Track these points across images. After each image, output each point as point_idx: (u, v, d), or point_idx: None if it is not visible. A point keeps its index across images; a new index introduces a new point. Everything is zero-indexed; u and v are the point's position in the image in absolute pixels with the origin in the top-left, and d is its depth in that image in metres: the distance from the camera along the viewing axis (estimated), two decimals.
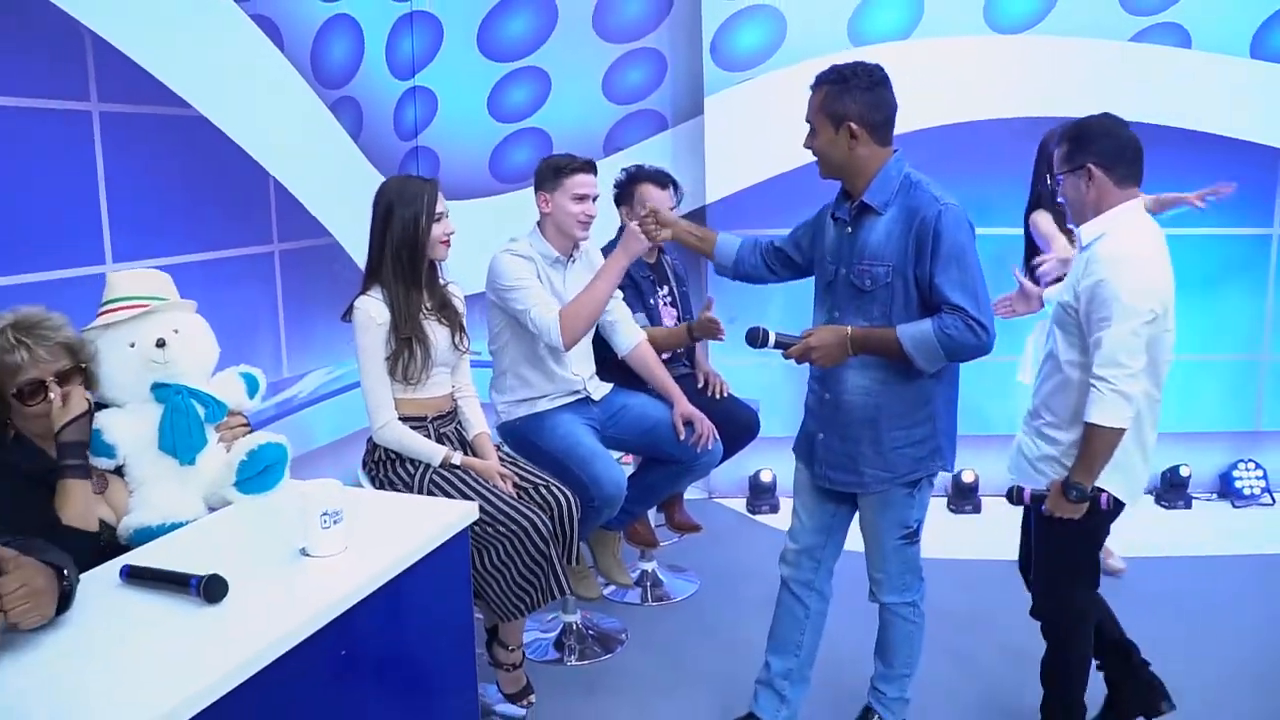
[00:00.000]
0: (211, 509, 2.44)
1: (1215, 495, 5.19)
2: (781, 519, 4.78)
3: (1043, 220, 4.02)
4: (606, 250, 3.57)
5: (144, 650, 1.80)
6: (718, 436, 3.54)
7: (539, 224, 3.57)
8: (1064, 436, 2.72)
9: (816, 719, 3.17)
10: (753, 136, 5.03)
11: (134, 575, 2.01)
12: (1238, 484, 5.12)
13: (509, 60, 5.47)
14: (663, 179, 3.93)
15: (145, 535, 2.28)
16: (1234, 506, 5.06)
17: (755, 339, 2.86)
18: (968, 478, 5.08)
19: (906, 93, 4.83)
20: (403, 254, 3.04)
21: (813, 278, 2.95)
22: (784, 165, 4.89)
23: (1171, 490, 5.07)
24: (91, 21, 3.54)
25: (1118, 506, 2.73)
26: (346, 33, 4.95)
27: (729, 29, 5.00)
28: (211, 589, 1.91)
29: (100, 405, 2.40)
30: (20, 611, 1.69)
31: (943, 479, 4.72)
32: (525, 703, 3.19)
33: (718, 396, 3.87)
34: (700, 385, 3.91)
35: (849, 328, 2.67)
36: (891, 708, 3.01)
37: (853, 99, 2.63)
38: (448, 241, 3.14)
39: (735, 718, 3.09)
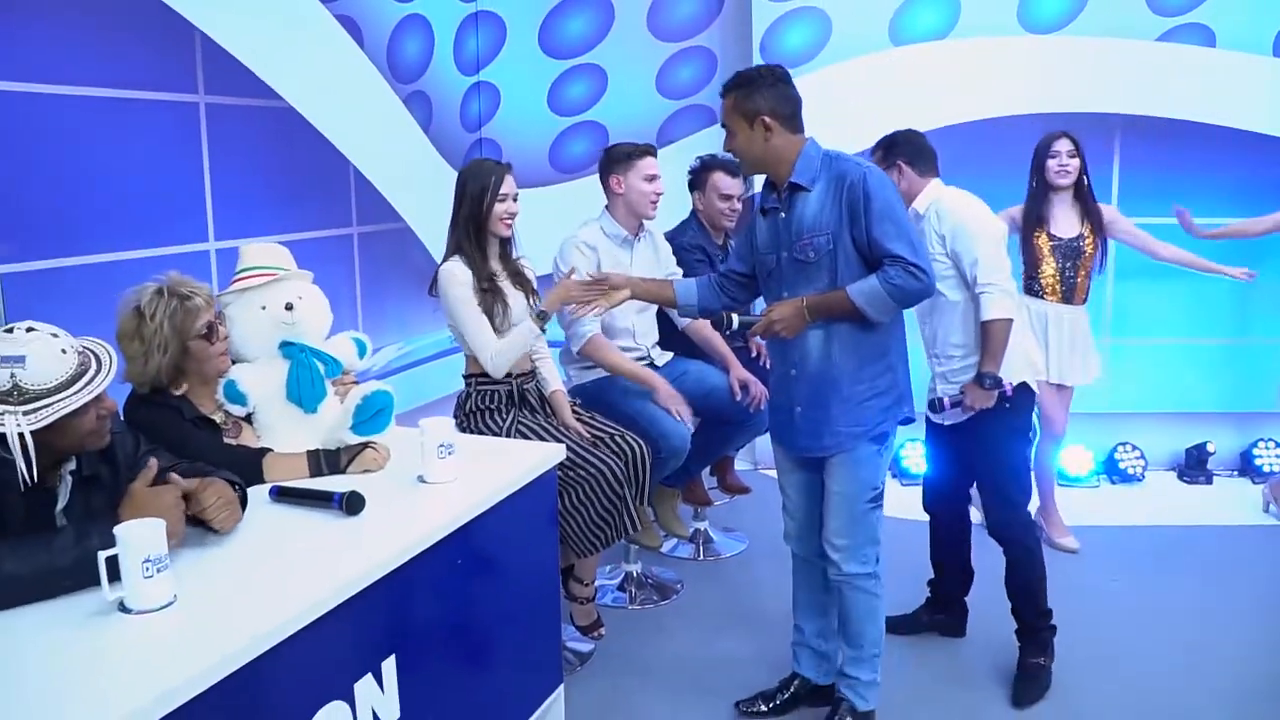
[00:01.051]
0: None
1: (1236, 472, 5.47)
2: None
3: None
4: (671, 236, 3.94)
5: (298, 553, 2.16)
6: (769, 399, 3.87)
7: (608, 207, 3.91)
8: (971, 359, 3.32)
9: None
10: None
11: (282, 495, 2.36)
12: (1257, 461, 5.39)
13: (568, 57, 5.81)
14: (733, 168, 4.23)
15: None
16: (1253, 482, 5.31)
17: (720, 324, 3.21)
18: None
19: (944, 89, 5.19)
20: (470, 227, 3.41)
21: None
22: None
23: (1195, 466, 5.35)
24: (200, 22, 3.89)
25: (1024, 392, 3.35)
26: (418, 31, 5.31)
27: (777, 29, 5.31)
28: (352, 503, 2.27)
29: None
30: (221, 519, 2.07)
31: None
32: (596, 634, 3.55)
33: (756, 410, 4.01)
34: (754, 355, 4.26)
35: (803, 297, 2.83)
36: (864, 694, 3.07)
37: (762, 96, 2.80)
38: (508, 222, 3.47)
39: (781, 678, 3.29)
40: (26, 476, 1.89)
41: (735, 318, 3.13)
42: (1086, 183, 4.31)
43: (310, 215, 4.56)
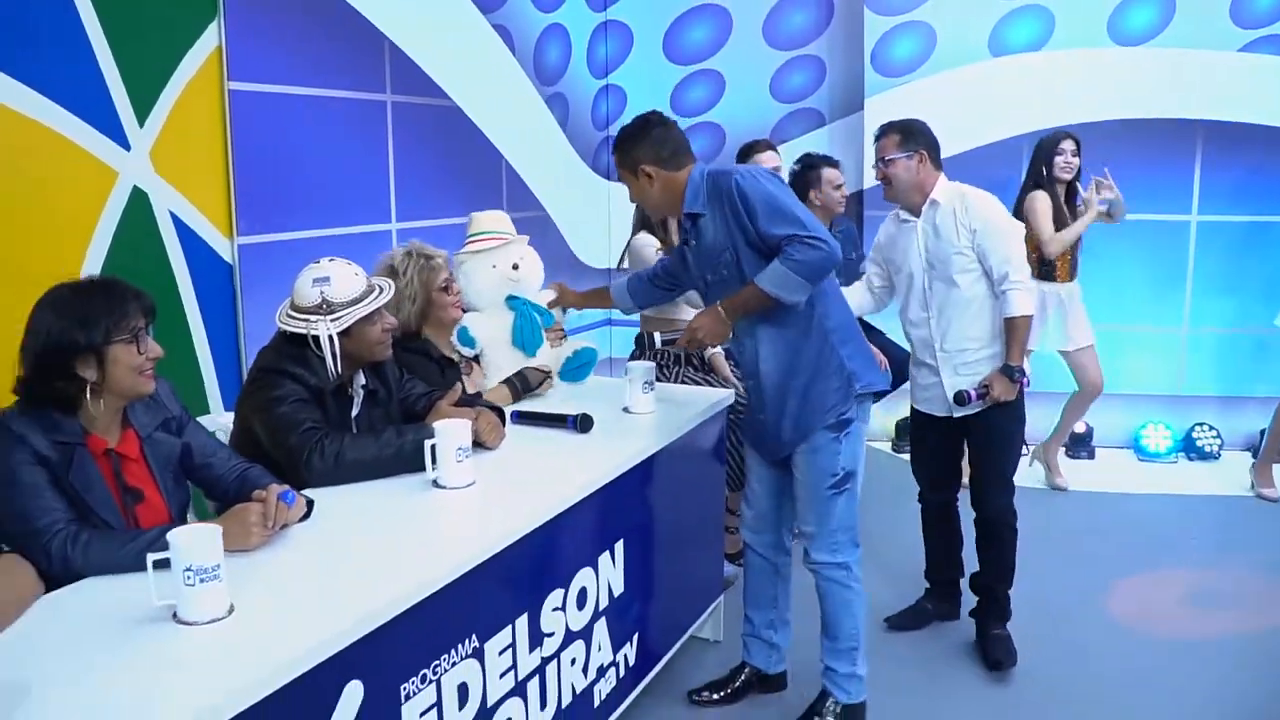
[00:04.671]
0: None
1: None
2: None
3: (1040, 201, 4.79)
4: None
5: (540, 464, 2.71)
6: (889, 367, 4.35)
7: None
8: (987, 351, 3.36)
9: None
10: None
11: (522, 418, 2.93)
12: None
13: (689, 63, 6.37)
14: (833, 161, 4.76)
15: None
16: None
17: (643, 344, 3.51)
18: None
19: (1039, 96, 5.63)
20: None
21: None
22: None
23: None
24: (389, 31, 4.49)
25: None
26: (559, 39, 5.89)
27: (887, 40, 5.81)
28: (584, 423, 2.84)
29: None
30: (494, 438, 2.69)
31: None
32: (739, 563, 4.06)
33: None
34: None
35: (719, 301, 2.85)
36: (845, 685, 3.01)
37: (639, 149, 2.86)
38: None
39: (731, 667, 3.30)
40: (335, 371, 2.51)
41: (658, 336, 3.50)
42: (1079, 178, 4.88)
43: (468, 201, 5.09)
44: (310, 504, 2.18)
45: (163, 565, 1.73)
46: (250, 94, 3.78)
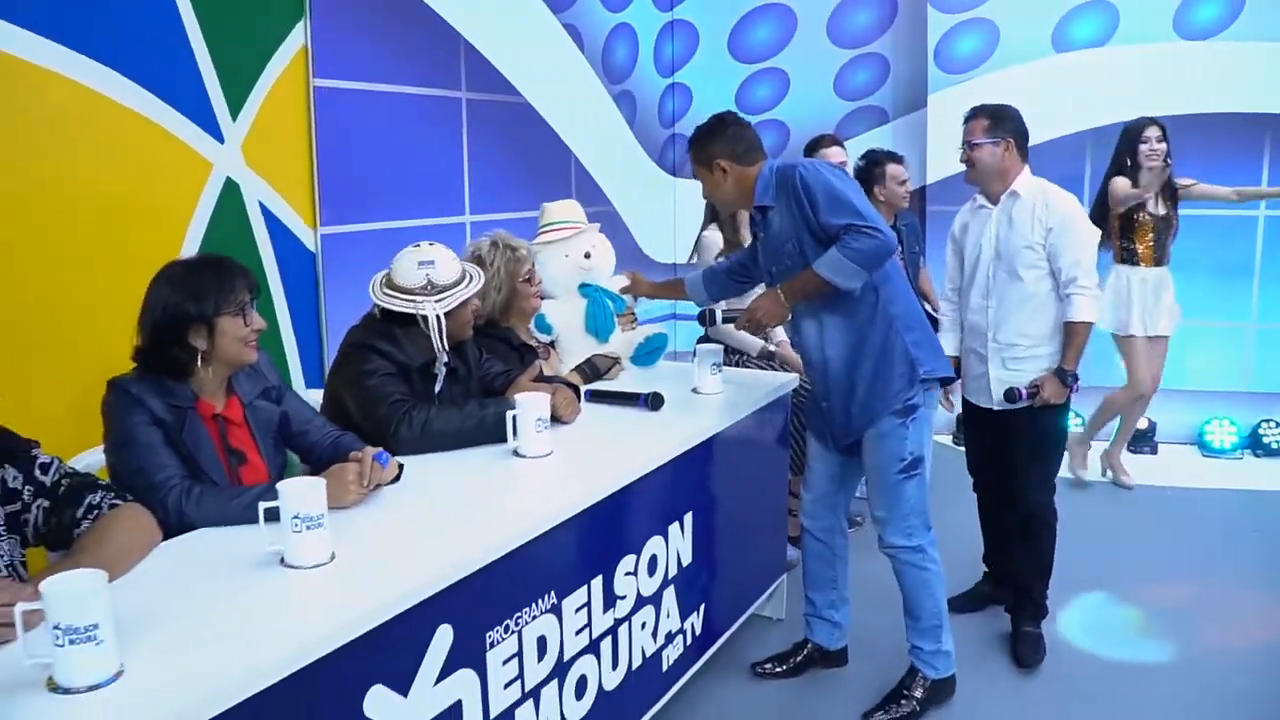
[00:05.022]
0: None
1: None
2: None
3: (1121, 185, 4.83)
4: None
5: (614, 437, 2.84)
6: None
7: None
8: (1039, 350, 3.34)
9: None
10: None
11: (596, 396, 3.07)
12: None
13: (754, 61, 6.48)
14: (897, 157, 4.84)
15: None
16: None
17: (704, 319, 3.55)
18: None
19: (1103, 92, 5.65)
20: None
21: None
22: None
23: None
24: (465, 30, 4.66)
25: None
26: (626, 38, 6.02)
27: (950, 38, 5.87)
28: (655, 401, 2.96)
29: None
30: (569, 413, 2.85)
31: None
32: (800, 545, 4.15)
33: None
34: None
35: (778, 286, 2.93)
36: (932, 662, 3.11)
37: (714, 144, 2.98)
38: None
39: (794, 642, 3.39)
40: (441, 347, 2.70)
41: (719, 313, 3.49)
42: (1169, 164, 4.84)
43: (539, 195, 5.25)
44: (400, 467, 2.33)
45: (271, 516, 1.88)
46: (333, 90, 3.96)
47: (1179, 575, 4.17)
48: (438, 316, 2.66)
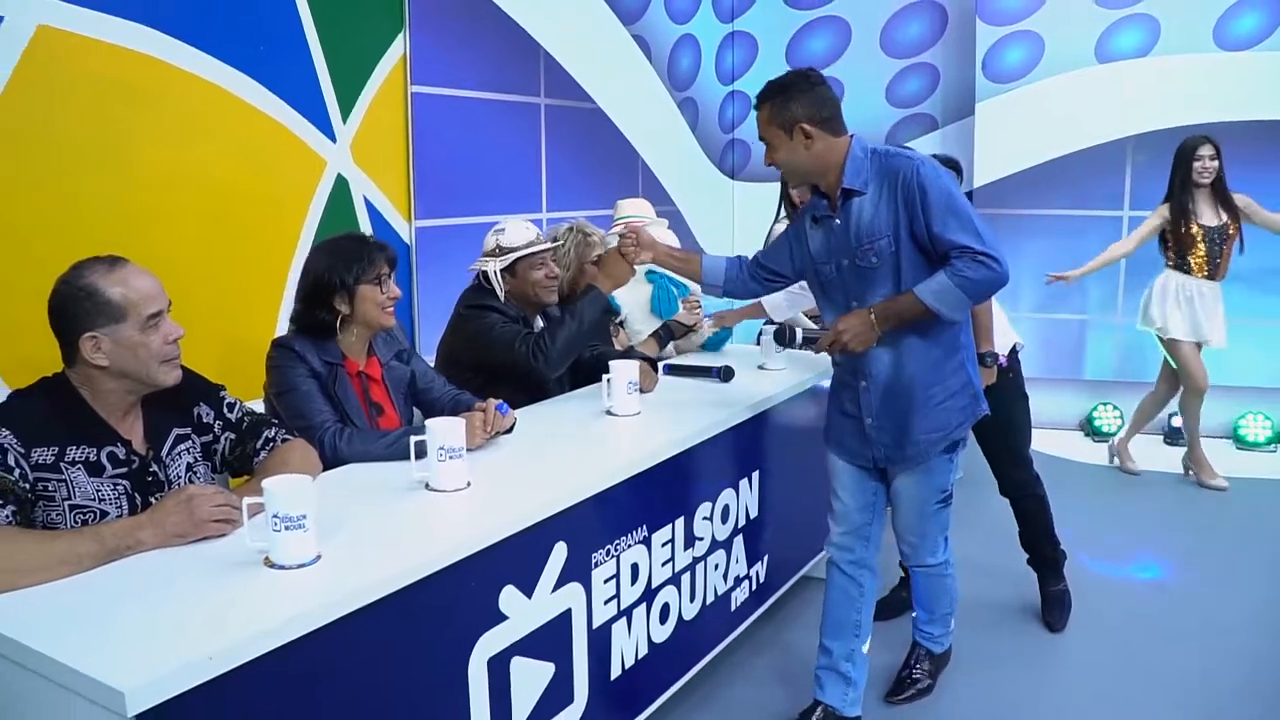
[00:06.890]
0: None
1: None
2: None
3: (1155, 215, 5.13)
4: None
5: (691, 403, 3.19)
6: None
7: None
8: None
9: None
10: (1014, 135, 6.19)
11: (671, 370, 3.43)
12: None
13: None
14: (954, 163, 5.08)
15: None
16: None
17: (782, 337, 3.47)
18: None
19: (1146, 101, 5.91)
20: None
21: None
22: (1041, 157, 6.06)
23: None
24: (544, 41, 5.05)
25: (1013, 358, 3.56)
26: (690, 48, 6.40)
27: (998, 49, 6.18)
28: (727, 373, 3.32)
29: None
30: (649, 383, 3.21)
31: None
32: None
33: None
34: None
35: (870, 307, 2.63)
36: (940, 641, 3.24)
37: (798, 103, 2.58)
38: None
39: (802, 709, 3.01)
40: (499, 290, 3.16)
41: (799, 332, 3.41)
42: (1223, 179, 5.06)
43: (610, 194, 5.62)
44: (514, 420, 2.70)
45: (419, 452, 2.27)
46: (428, 96, 4.37)
47: (1205, 563, 4.40)
48: (496, 271, 3.15)
